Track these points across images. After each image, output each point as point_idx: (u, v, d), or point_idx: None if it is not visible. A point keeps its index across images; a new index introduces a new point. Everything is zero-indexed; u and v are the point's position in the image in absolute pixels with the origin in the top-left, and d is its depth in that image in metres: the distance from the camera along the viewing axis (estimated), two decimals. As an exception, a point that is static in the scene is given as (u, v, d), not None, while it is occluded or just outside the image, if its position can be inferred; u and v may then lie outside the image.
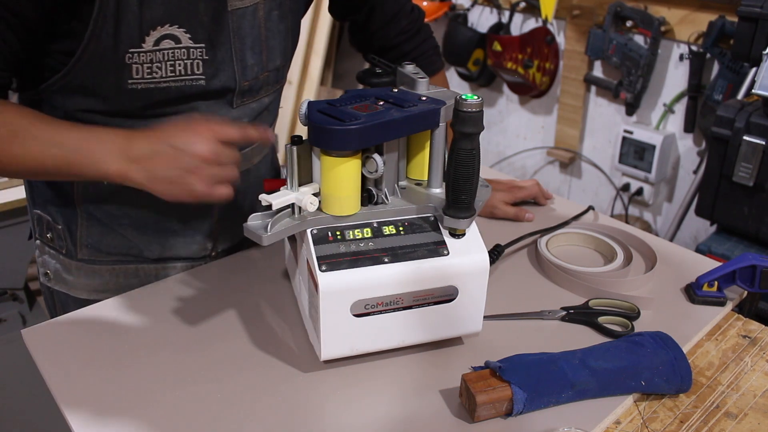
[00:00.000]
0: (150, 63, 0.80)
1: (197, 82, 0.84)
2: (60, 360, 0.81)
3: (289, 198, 0.74)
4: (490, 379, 0.73)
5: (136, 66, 0.79)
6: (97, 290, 0.99)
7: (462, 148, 0.72)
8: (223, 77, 0.86)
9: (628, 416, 0.75)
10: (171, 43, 0.80)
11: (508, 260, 1.04)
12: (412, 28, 1.10)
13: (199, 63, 0.83)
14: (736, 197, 1.61)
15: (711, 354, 0.85)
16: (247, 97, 0.92)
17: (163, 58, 0.80)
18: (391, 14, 1.07)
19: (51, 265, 1.00)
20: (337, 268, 0.73)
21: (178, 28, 0.80)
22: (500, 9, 2.52)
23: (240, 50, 0.87)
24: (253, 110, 0.95)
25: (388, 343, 0.79)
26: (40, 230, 1.00)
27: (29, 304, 1.98)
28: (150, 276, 1.00)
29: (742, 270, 0.92)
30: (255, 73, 0.90)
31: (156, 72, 0.81)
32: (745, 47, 1.59)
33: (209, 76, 0.85)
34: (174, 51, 0.80)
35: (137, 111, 0.84)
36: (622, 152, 2.26)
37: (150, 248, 0.98)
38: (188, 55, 0.82)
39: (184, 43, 0.81)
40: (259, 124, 0.97)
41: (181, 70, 0.82)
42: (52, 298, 1.03)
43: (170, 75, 0.82)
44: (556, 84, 2.45)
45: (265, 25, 0.89)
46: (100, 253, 0.97)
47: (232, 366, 0.80)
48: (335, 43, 2.93)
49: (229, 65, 0.86)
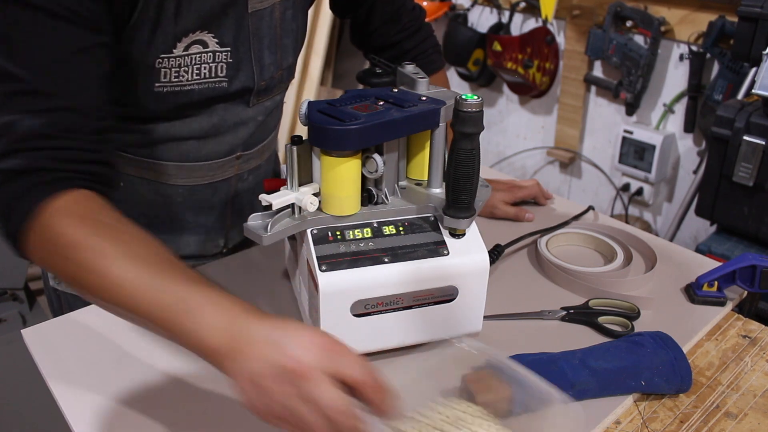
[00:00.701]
0: (178, 67, 0.80)
1: (220, 84, 0.85)
2: (60, 360, 0.81)
3: (289, 198, 0.74)
4: (490, 379, 0.73)
5: (164, 70, 0.79)
6: None
7: (462, 148, 0.72)
8: (243, 78, 0.87)
9: (628, 416, 0.75)
10: (199, 48, 0.80)
11: (508, 260, 1.04)
12: (412, 26, 1.10)
13: (223, 66, 0.84)
14: (736, 197, 1.61)
15: (711, 354, 0.85)
16: (262, 96, 0.93)
17: (191, 62, 0.81)
18: (392, 12, 1.08)
19: None
20: (337, 268, 0.73)
21: (207, 34, 0.80)
22: (500, 9, 2.52)
23: (258, 50, 0.87)
24: (267, 108, 0.96)
25: (388, 343, 0.79)
26: None
27: (29, 304, 1.98)
28: None
29: (742, 270, 0.92)
30: (271, 72, 0.91)
31: (183, 76, 0.81)
32: (745, 47, 1.59)
33: (231, 77, 0.85)
34: (201, 55, 0.81)
35: (161, 113, 0.84)
36: (622, 152, 2.26)
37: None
38: (214, 59, 0.82)
39: (211, 47, 0.81)
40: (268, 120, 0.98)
41: (206, 73, 0.83)
42: (58, 301, 1.02)
43: (195, 78, 0.82)
44: (556, 84, 2.45)
45: (281, 24, 0.89)
46: None
47: (232, 366, 0.80)
48: (335, 43, 2.94)
49: (248, 66, 0.87)
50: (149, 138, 0.87)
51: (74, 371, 0.79)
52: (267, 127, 1.00)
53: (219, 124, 0.90)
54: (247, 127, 0.94)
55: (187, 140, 0.89)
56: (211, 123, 0.89)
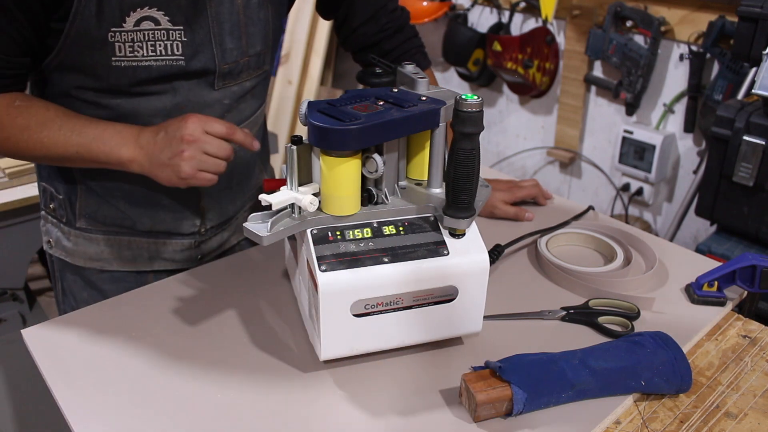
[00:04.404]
0: (132, 42, 0.85)
1: (177, 62, 0.89)
2: (60, 360, 0.81)
3: (289, 198, 0.74)
4: (490, 379, 0.73)
5: (118, 44, 0.85)
6: (92, 258, 1.05)
7: (462, 148, 0.72)
8: (202, 59, 0.91)
9: (628, 416, 0.75)
10: (151, 24, 0.85)
11: (508, 260, 1.04)
12: (391, 27, 1.12)
13: (179, 44, 0.88)
14: (736, 197, 1.61)
15: (711, 354, 0.85)
16: (228, 80, 0.96)
17: (144, 38, 0.86)
18: (370, 12, 1.10)
19: (53, 233, 1.07)
20: (337, 268, 0.73)
21: (157, 11, 0.85)
22: (500, 9, 2.52)
23: (218, 35, 0.91)
24: (234, 93, 0.99)
25: (388, 343, 0.79)
26: (45, 201, 1.07)
27: (29, 304, 1.98)
28: (142, 250, 1.05)
29: (742, 270, 0.92)
30: (235, 57, 0.95)
31: (138, 51, 0.86)
32: (745, 47, 1.58)
33: (188, 57, 0.90)
34: (154, 32, 0.86)
35: (124, 88, 0.89)
36: (622, 152, 2.25)
37: (141, 221, 1.03)
38: (168, 37, 0.87)
39: (164, 25, 0.86)
40: (242, 107, 1.02)
41: (161, 50, 0.88)
42: (52, 266, 1.10)
43: (151, 54, 0.87)
44: (556, 84, 2.45)
45: (244, 12, 0.93)
46: (96, 222, 1.03)
47: (232, 366, 0.80)
48: (335, 43, 2.93)
49: (208, 48, 0.91)
50: (117, 113, 0.92)
51: (74, 371, 0.79)
52: (239, 113, 1.02)
53: (183, 104, 0.94)
54: (213, 109, 0.97)
55: (153, 117, 0.93)
56: (174, 102, 0.93)
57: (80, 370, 0.79)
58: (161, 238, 1.05)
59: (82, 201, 1.01)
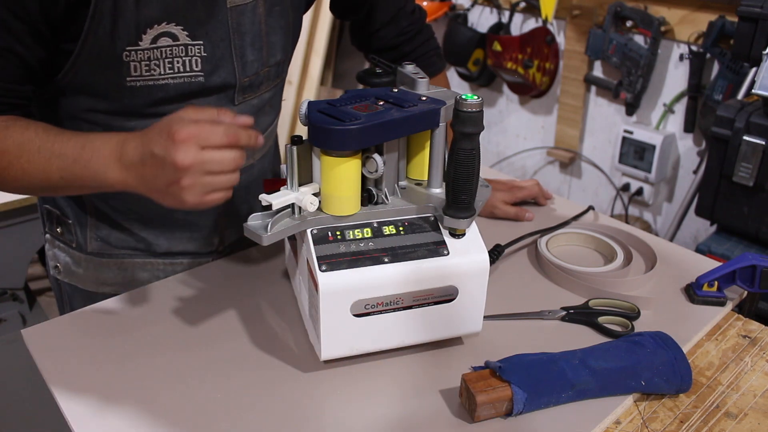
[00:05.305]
0: (148, 60, 0.79)
1: (196, 79, 0.84)
2: (60, 360, 0.81)
3: (289, 198, 0.74)
4: (490, 379, 0.73)
5: (134, 63, 0.79)
6: (105, 283, 1.00)
7: (462, 148, 0.72)
8: (222, 73, 0.86)
9: (628, 416, 0.75)
10: (168, 40, 0.79)
11: (508, 260, 1.04)
12: (412, 30, 1.10)
13: (198, 60, 0.83)
14: (736, 197, 1.61)
15: (711, 354, 0.85)
16: (248, 93, 0.92)
17: (161, 55, 0.80)
18: (391, 15, 1.07)
19: (61, 258, 1.02)
20: (337, 268, 0.73)
21: (176, 26, 0.79)
22: (500, 9, 2.52)
23: (240, 47, 0.86)
24: (254, 106, 0.95)
25: (388, 343, 0.79)
26: (50, 224, 1.02)
27: (29, 304, 1.98)
28: (158, 271, 1.00)
29: (742, 270, 0.92)
30: (255, 69, 0.90)
31: (154, 69, 0.80)
32: (745, 47, 1.58)
33: (208, 72, 0.85)
34: (172, 48, 0.80)
35: (139, 109, 0.84)
36: (622, 152, 2.26)
37: (158, 242, 0.99)
38: (186, 52, 0.82)
39: (182, 40, 0.80)
40: (260, 120, 0.98)
41: (179, 67, 0.82)
42: (60, 290, 1.05)
43: (168, 72, 0.81)
44: (556, 84, 2.45)
45: (266, 21, 0.88)
46: (109, 246, 0.98)
47: (232, 366, 0.80)
48: (335, 43, 2.93)
49: (229, 62, 0.86)
50: None
51: (74, 371, 0.79)
52: (257, 126, 0.98)
53: None
54: None
55: None
56: None
57: (80, 370, 0.79)
58: (178, 258, 1.01)
59: (93, 224, 0.96)
